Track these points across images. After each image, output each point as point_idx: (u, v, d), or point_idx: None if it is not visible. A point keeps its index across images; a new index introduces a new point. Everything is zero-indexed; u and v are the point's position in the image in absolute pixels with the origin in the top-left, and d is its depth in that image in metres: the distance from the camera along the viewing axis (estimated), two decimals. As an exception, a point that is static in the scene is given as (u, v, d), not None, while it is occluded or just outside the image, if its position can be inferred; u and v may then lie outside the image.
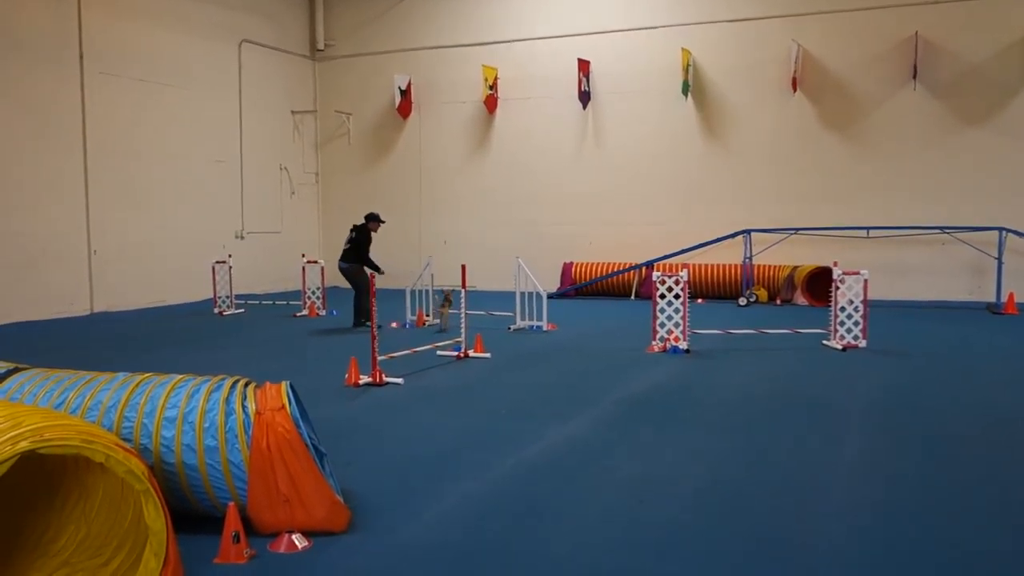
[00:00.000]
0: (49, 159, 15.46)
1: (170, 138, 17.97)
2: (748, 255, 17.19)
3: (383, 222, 14.34)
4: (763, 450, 6.50)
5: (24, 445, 3.66)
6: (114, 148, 16.63)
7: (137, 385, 4.92)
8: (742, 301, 16.91)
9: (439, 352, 10.71)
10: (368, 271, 13.12)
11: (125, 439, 4.61)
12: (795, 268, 17.49)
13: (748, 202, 18.38)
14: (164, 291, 17.59)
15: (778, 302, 17.28)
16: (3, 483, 3.87)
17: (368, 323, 13.26)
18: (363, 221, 14.09)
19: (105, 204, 16.47)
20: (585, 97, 19.46)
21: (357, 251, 13.80)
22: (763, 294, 17.48)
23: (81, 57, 15.97)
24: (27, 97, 15.03)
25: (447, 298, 13.28)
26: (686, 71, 18.33)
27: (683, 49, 18.29)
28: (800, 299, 17.05)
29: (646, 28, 19.05)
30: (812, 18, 17.91)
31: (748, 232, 17.21)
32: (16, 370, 5.40)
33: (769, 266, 17.81)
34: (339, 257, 13.99)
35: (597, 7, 19.49)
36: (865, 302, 11.29)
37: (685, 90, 18.45)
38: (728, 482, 5.71)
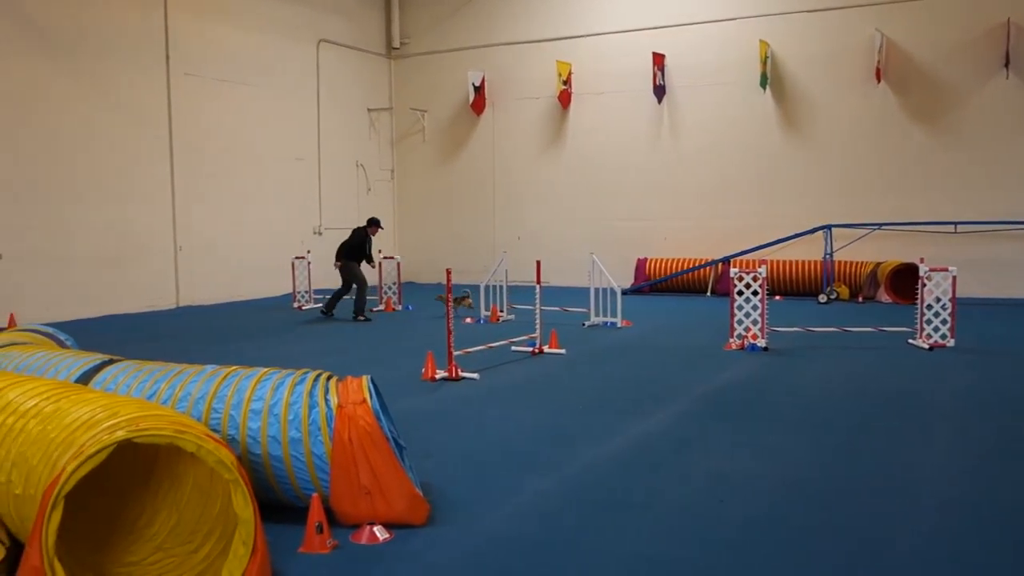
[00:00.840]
0: (138, 158, 16.00)
1: (252, 136, 18.42)
2: (829, 251, 16.80)
3: (382, 227, 15.30)
4: (846, 450, 6.36)
5: (121, 434, 3.80)
6: (198, 147, 17.13)
7: (224, 377, 5.06)
8: (822, 298, 16.54)
9: (514, 348, 10.75)
10: (355, 264, 14.56)
11: (213, 430, 4.75)
12: (878, 264, 17.03)
13: (829, 197, 17.95)
14: (245, 286, 18.04)
15: (860, 300, 16.85)
16: (101, 470, 4.01)
17: (366, 318, 14.46)
18: (365, 224, 15.06)
19: (190, 201, 16.98)
20: (660, 91, 19.27)
21: (357, 250, 14.76)
22: (844, 291, 17.06)
23: (167, 58, 16.48)
24: (117, 97, 15.58)
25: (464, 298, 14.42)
26: (764, 63, 17.99)
27: (761, 41, 17.96)
28: (884, 297, 16.59)
29: (722, 20, 18.75)
30: (897, 6, 17.39)
31: (829, 227, 16.82)
32: (111, 361, 5.62)
33: (851, 262, 17.37)
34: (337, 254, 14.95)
35: (673, 0, 19.26)
36: (953, 300, 10.93)
37: (763, 82, 18.11)
38: (809, 481, 5.59)
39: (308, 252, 17.03)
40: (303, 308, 16.28)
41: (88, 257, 15.06)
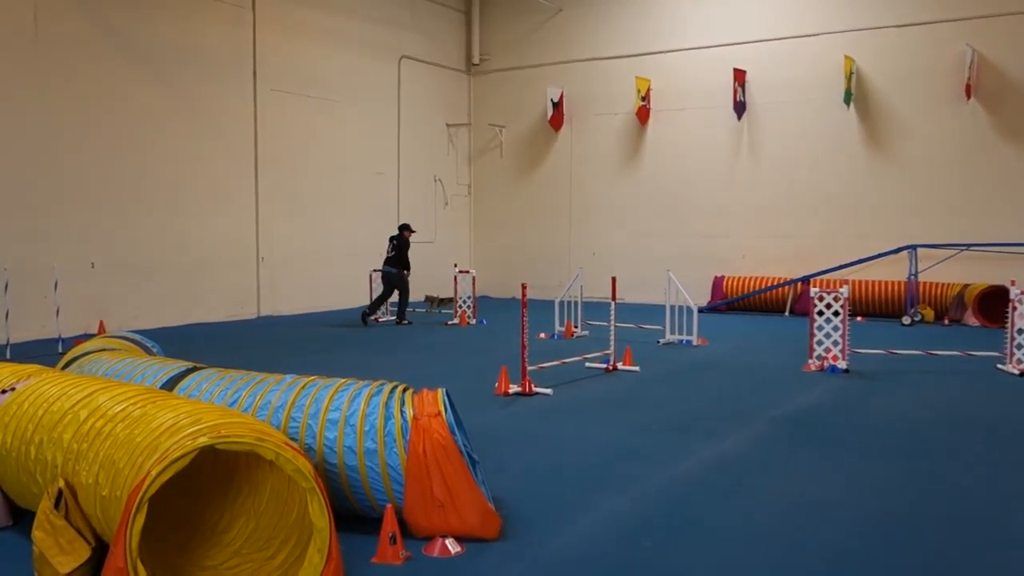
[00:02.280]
0: (224, 171, 16.49)
1: (333, 151, 18.80)
2: (913, 271, 16.28)
3: (414, 231, 16.50)
4: (932, 477, 6.13)
5: (203, 440, 3.89)
6: (282, 161, 17.56)
7: (303, 387, 5.15)
8: (906, 320, 16.03)
9: (588, 364, 10.69)
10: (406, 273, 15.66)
11: (291, 438, 4.83)
12: (965, 286, 16.43)
13: (914, 216, 17.40)
14: (324, 297, 18.37)
15: (946, 322, 16.27)
16: (183, 474, 4.11)
17: (407, 322, 15.50)
18: (399, 231, 16.13)
19: (272, 214, 17.40)
20: (741, 107, 19.01)
21: (400, 257, 15.74)
22: (929, 313, 16.50)
23: (255, 75, 16.95)
24: (206, 113, 16.10)
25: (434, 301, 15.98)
26: (849, 79, 17.59)
27: (846, 56, 17.57)
28: (971, 319, 15.98)
29: (806, 36, 18.41)
30: (989, 21, 16.82)
31: (914, 247, 16.30)
32: (194, 369, 5.77)
33: (936, 284, 16.81)
34: (383, 262, 15.97)
35: (754, 16, 19.02)
36: (1047, 324, 10.46)
37: (848, 99, 17.71)
38: (893, 509, 5.40)
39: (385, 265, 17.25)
40: (379, 320, 16.50)
41: (174, 267, 15.55)
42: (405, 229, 16.15)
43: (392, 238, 16.06)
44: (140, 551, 3.75)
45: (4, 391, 5.19)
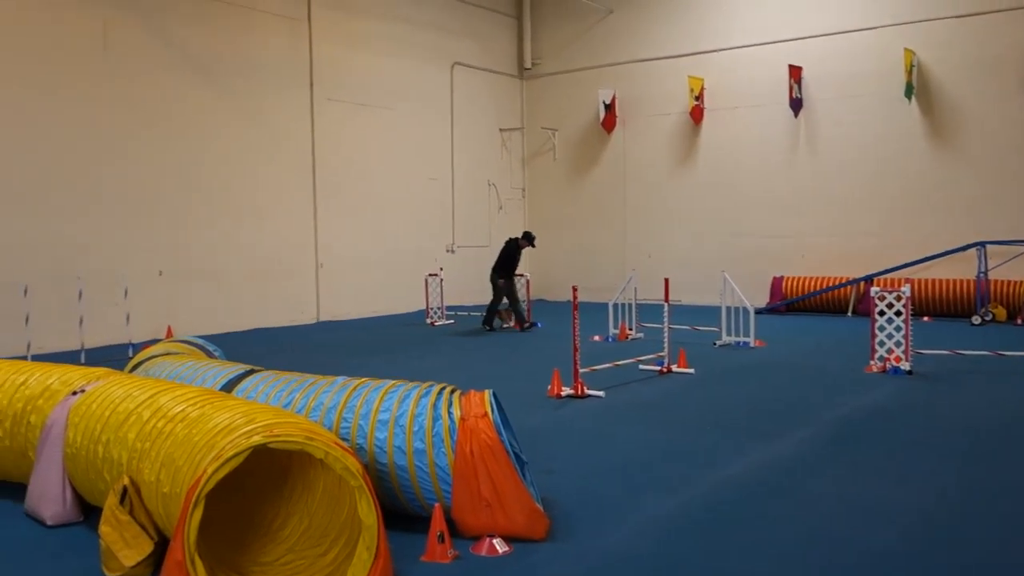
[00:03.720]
0: (282, 179, 16.87)
1: (388, 158, 19.08)
2: (983, 269, 15.85)
3: (534, 246, 16.07)
4: (996, 482, 6.00)
5: (257, 439, 4.04)
6: (338, 168, 17.89)
7: (354, 389, 5.28)
8: (976, 320, 15.61)
9: (641, 366, 10.67)
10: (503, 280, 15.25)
11: (343, 439, 4.96)
12: (1038, 284, 15.95)
13: (982, 212, 16.94)
14: (381, 302, 18.65)
15: (1019, 322, 15.79)
16: (240, 473, 4.27)
17: (527, 326, 15.19)
18: (519, 236, 15.84)
19: (330, 220, 17.73)
20: (797, 104, 18.76)
21: (505, 262, 15.39)
22: (1001, 312, 16.03)
23: (311, 85, 17.31)
24: (266, 122, 16.49)
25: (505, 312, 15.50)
26: (909, 72, 17.22)
27: (906, 49, 17.21)
28: (1044, 318, 15.52)
29: (863, 29, 18.08)
30: (1058, 8, 16.33)
31: (982, 244, 15.88)
32: (252, 372, 5.96)
33: (1008, 282, 16.33)
34: (491, 267, 15.58)
35: (808, 10, 18.75)
36: (1120, 322, 10.12)
37: (908, 93, 17.33)
38: (952, 513, 5.32)
39: (441, 270, 17.47)
40: (435, 324, 16.69)
41: (237, 274, 15.96)
42: (524, 238, 15.76)
43: (506, 242, 15.83)
44: (198, 546, 3.91)
45: (75, 392, 5.43)
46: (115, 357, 11.46)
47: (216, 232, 15.64)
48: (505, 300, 15.46)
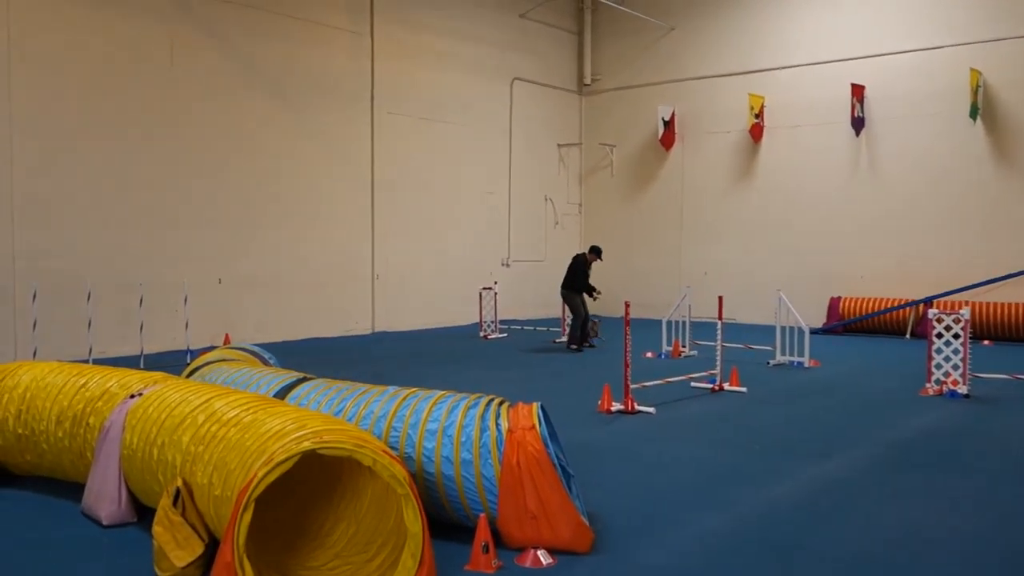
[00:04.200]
0: (342, 191, 17.14)
1: (446, 171, 19.26)
2: (1048, 293, 15.41)
3: (600, 259, 15.54)
4: (1053, 510, 5.82)
5: (306, 445, 4.12)
6: (397, 182, 18.11)
7: (404, 399, 5.34)
8: (1039, 344, 15.18)
9: (693, 384, 10.58)
10: (584, 296, 14.81)
11: (391, 447, 5.02)
12: (1107, 309, 15.43)
13: (1049, 234, 16.47)
14: (436, 314, 18.78)
15: (1085, 347, 15.32)
16: (291, 478, 4.35)
17: (579, 347, 14.68)
18: (586, 251, 15.44)
19: (387, 233, 17.95)
20: (859, 123, 18.46)
21: (574, 279, 14.84)
22: (1066, 337, 15.57)
23: (372, 99, 17.59)
24: (327, 135, 16.80)
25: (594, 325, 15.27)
26: (975, 93, 16.84)
27: (972, 69, 16.84)
28: (1113, 345, 15.00)
29: (928, 49, 17.73)
30: None
31: (1048, 268, 15.44)
32: (304, 380, 6.06)
33: (1074, 306, 15.85)
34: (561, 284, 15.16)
35: (872, 29, 18.46)
36: None
37: (974, 113, 16.95)
38: (1002, 538, 5.17)
39: (495, 283, 17.54)
40: (489, 337, 16.75)
41: (295, 283, 16.23)
42: (591, 252, 15.37)
43: (574, 257, 15.43)
44: (247, 548, 3.99)
45: (132, 395, 5.59)
46: (173, 363, 11.73)
47: (275, 242, 15.94)
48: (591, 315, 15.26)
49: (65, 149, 13.15)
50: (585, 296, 15.06)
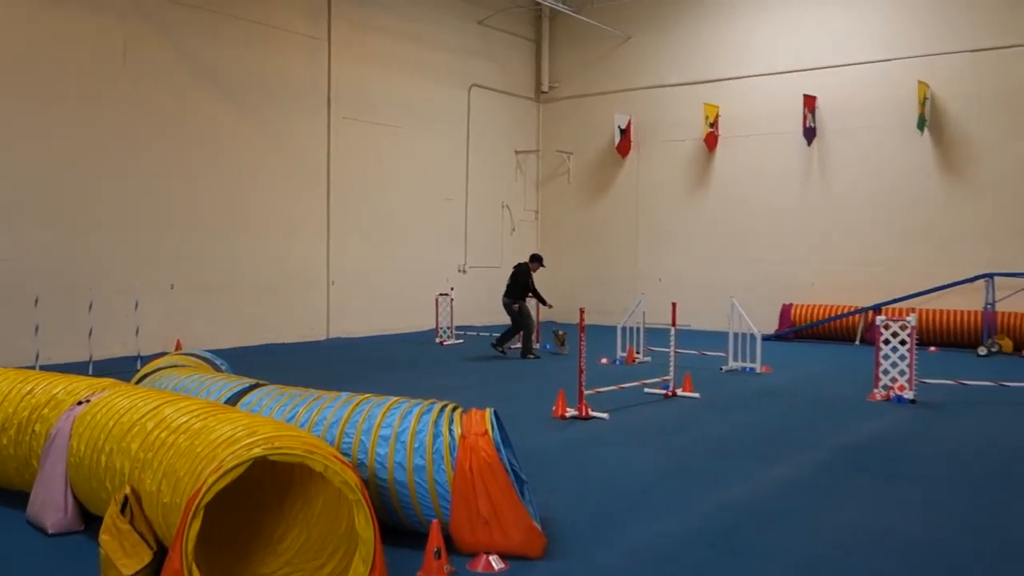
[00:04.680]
0: (297, 196, 17.01)
1: (403, 177, 19.22)
2: (990, 301, 15.82)
3: (543, 266, 15.59)
4: (993, 510, 5.99)
5: (257, 451, 4.09)
6: (353, 187, 18.03)
7: (357, 404, 5.33)
8: (982, 351, 15.56)
9: (647, 389, 10.68)
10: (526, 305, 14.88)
11: (344, 453, 5.01)
12: (1047, 317, 15.89)
13: (990, 243, 16.91)
14: (392, 320, 18.71)
15: (1025, 353, 15.76)
16: (240, 484, 4.31)
17: (532, 355, 14.69)
18: (527, 260, 15.41)
19: (343, 238, 17.86)
20: (810, 133, 18.81)
21: (519, 288, 14.91)
22: (1007, 344, 15.98)
23: (329, 103, 17.50)
24: (282, 139, 16.67)
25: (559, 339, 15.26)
26: (923, 104, 17.27)
27: (920, 82, 17.26)
28: (1053, 351, 15.44)
29: (878, 61, 18.15)
30: (1071, 44, 16.37)
31: (991, 276, 15.85)
32: (256, 386, 6.02)
33: (1016, 314, 16.26)
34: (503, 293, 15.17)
35: (824, 42, 18.84)
36: None
37: (921, 124, 17.37)
38: (949, 541, 5.31)
39: (452, 289, 17.53)
40: (445, 343, 16.73)
41: (249, 289, 16.07)
42: (534, 260, 15.36)
43: (515, 266, 15.32)
44: (197, 556, 3.95)
45: (80, 402, 5.51)
46: (124, 370, 11.53)
47: (229, 247, 15.77)
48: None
49: (12, 151, 12.89)
50: (538, 304, 15.21)
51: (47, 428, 5.52)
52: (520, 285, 14.95)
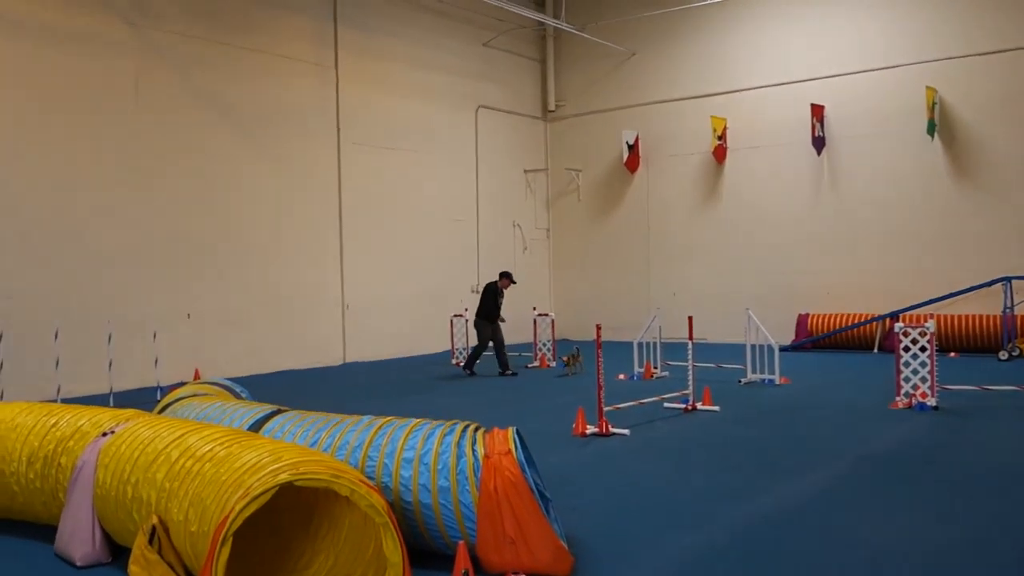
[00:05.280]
0: (309, 222, 17.10)
1: (414, 200, 19.30)
2: (1009, 304, 15.71)
3: (514, 282, 15.65)
4: (1021, 517, 5.92)
5: (284, 477, 4.11)
6: (365, 211, 18.12)
7: (379, 428, 5.34)
8: (1003, 355, 15.43)
9: (666, 404, 10.65)
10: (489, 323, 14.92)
11: (368, 477, 5.01)
12: (1066, 318, 15.77)
13: (1007, 247, 16.81)
14: (407, 342, 18.73)
15: (1046, 356, 15.63)
16: (267, 510, 4.33)
17: (508, 373, 14.79)
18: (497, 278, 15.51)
19: (356, 262, 17.93)
20: (819, 143, 18.81)
21: (486, 306, 15.06)
22: (1028, 347, 15.87)
23: (338, 130, 17.63)
24: (293, 167, 16.78)
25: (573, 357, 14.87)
26: (931, 110, 17.24)
27: (927, 87, 17.25)
28: (1074, 353, 15.31)
29: (885, 68, 18.16)
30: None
31: (1008, 279, 15.75)
32: (278, 412, 6.04)
33: (1035, 316, 16.18)
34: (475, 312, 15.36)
35: (830, 50, 18.86)
36: None
37: (931, 130, 17.34)
38: (980, 551, 5.25)
39: (466, 310, 17.54)
40: (461, 364, 16.72)
41: (265, 316, 16.13)
42: (503, 277, 15.47)
43: (487, 284, 15.56)
44: (226, 584, 3.96)
45: (105, 434, 5.53)
46: (144, 400, 11.58)
47: (244, 275, 15.85)
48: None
49: (30, 187, 13.03)
50: (498, 322, 15.29)
51: (73, 460, 5.54)
52: (487, 304, 15.11)
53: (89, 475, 5.37)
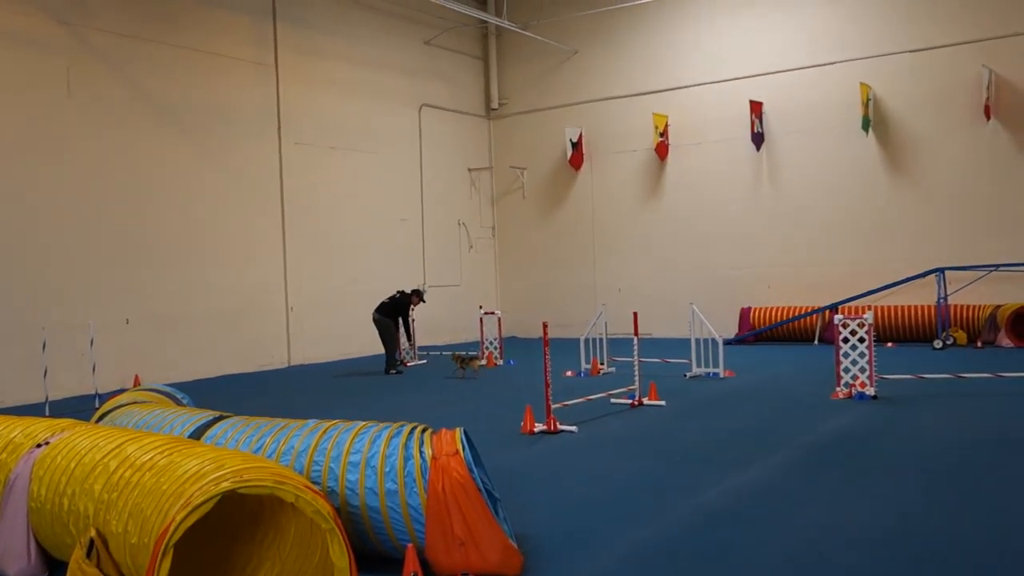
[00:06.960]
0: (252, 224, 16.84)
1: (358, 199, 19.13)
2: (942, 295, 16.16)
3: (424, 301, 16.19)
4: (961, 502, 6.09)
5: (226, 485, 4.02)
6: (308, 211, 17.90)
7: (325, 431, 5.26)
8: (938, 344, 15.87)
9: (613, 400, 10.71)
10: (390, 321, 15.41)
11: (314, 482, 4.93)
12: (997, 307, 16.28)
13: (939, 239, 17.32)
14: (354, 344, 18.54)
15: (979, 345, 16.11)
16: (210, 518, 4.23)
17: (395, 371, 15.08)
18: (410, 291, 15.99)
19: (300, 263, 17.71)
20: (758, 138, 19.11)
21: (394, 309, 15.57)
22: (961, 336, 16.34)
23: (279, 129, 17.38)
24: (234, 167, 16.50)
25: (465, 359, 14.57)
26: (866, 106, 17.64)
27: (861, 84, 17.65)
28: (1004, 341, 15.81)
29: (821, 65, 18.55)
30: (1005, 41, 16.87)
31: (941, 271, 16.19)
32: (220, 418, 5.92)
33: (967, 306, 16.66)
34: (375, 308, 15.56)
35: (768, 47, 19.20)
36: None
37: (866, 125, 17.74)
38: (918, 534, 5.38)
39: (413, 309, 17.41)
40: (407, 364, 16.63)
41: (206, 320, 15.84)
42: (415, 294, 15.90)
43: (398, 291, 15.95)
44: (168, 596, 3.86)
45: (39, 445, 5.36)
46: (81, 409, 11.29)
47: (184, 278, 15.54)
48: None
49: (-45, 191, 12.61)
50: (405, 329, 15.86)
51: (5, 474, 5.36)
52: (396, 308, 15.56)
53: (23, 488, 5.20)
